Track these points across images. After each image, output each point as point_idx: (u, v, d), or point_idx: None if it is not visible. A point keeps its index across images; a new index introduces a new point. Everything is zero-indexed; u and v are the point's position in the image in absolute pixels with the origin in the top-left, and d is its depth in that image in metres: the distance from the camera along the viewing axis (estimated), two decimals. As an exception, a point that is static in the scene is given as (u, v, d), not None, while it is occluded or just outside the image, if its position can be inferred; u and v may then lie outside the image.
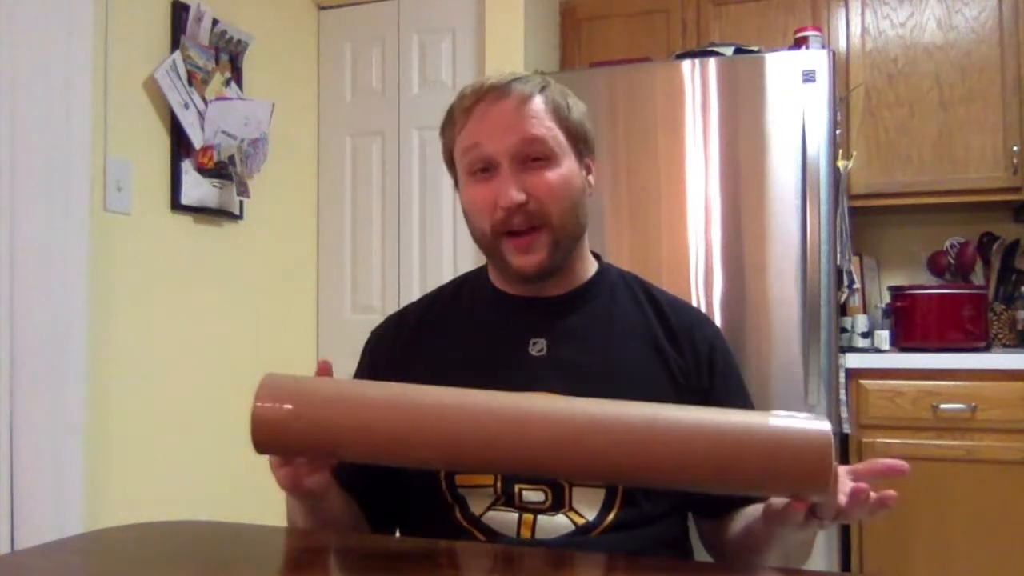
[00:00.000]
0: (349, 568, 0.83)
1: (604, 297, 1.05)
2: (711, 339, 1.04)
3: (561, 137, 0.98)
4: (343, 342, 2.65)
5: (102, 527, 0.96)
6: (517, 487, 0.92)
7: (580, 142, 1.01)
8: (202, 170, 2.18)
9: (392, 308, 1.16)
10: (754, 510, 0.91)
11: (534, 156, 0.96)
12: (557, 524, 0.91)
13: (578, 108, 1.02)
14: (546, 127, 0.97)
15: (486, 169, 0.97)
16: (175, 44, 2.12)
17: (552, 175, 0.96)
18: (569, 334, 1.01)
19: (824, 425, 0.71)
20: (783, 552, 0.88)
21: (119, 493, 1.94)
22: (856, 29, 2.57)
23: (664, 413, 0.73)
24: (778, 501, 0.78)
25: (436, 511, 0.95)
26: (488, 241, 0.99)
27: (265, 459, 0.80)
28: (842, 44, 2.57)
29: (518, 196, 0.94)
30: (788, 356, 2.11)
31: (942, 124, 2.49)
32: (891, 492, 0.74)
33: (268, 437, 0.74)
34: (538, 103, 0.98)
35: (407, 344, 1.05)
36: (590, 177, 1.04)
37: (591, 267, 1.07)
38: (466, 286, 1.10)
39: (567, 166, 0.98)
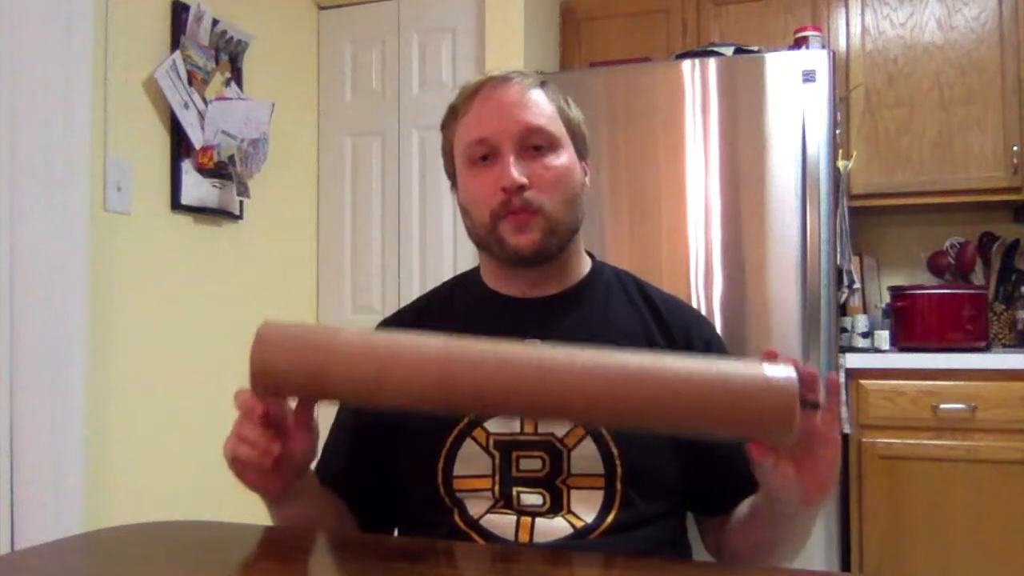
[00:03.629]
0: (348, 568, 0.83)
1: (599, 296, 1.05)
2: (707, 337, 1.04)
3: (561, 128, 1.00)
4: (343, 342, 2.64)
5: (102, 527, 0.96)
6: (515, 490, 0.92)
7: (578, 139, 1.02)
8: (202, 170, 2.18)
9: (392, 308, 1.17)
10: (751, 500, 0.92)
11: (535, 144, 0.97)
12: (555, 527, 0.91)
13: (575, 108, 1.04)
14: (548, 117, 0.98)
15: (486, 157, 0.97)
16: (175, 44, 2.12)
17: (552, 164, 0.97)
18: (564, 334, 1.00)
19: (789, 372, 0.73)
20: (782, 535, 0.89)
21: (119, 493, 1.94)
22: (856, 29, 2.57)
23: (638, 360, 0.76)
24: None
25: (434, 515, 0.94)
26: (487, 229, 0.98)
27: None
28: (842, 44, 2.57)
29: (520, 178, 0.95)
30: (788, 356, 2.11)
31: (942, 124, 2.49)
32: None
33: (266, 364, 0.77)
34: (540, 95, 0.99)
35: None
36: (586, 179, 1.05)
37: (585, 266, 1.07)
38: (459, 287, 1.10)
39: (567, 157, 0.99)
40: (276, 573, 0.78)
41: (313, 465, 0.94)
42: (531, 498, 0.92)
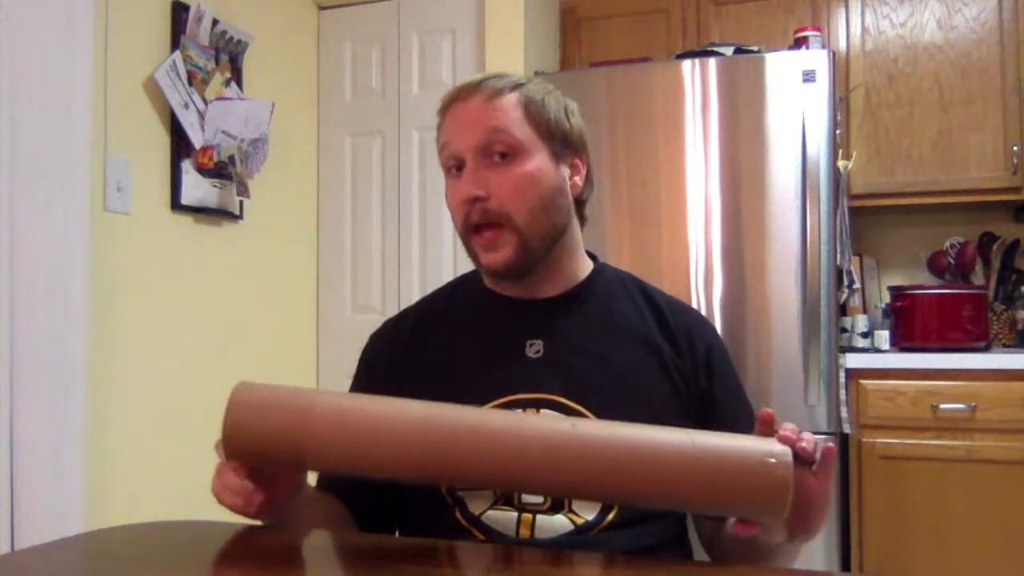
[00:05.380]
0: (348, 567, 0.83)
1: (600, 298, 1.04)
2: (709, 340, 1.04)
3: (530, 133, 0.97)
4: (343, 342, 2.65)
5: (102, 527, 0.96)
6: (516, 488, 0.92)
7: (555, 140, 0.99)
8: (202, 170, 2.18)
9: (392, 308, 1.17)
10: None
11: (500, 152, 0.95)
12: (556, 523, 0.91)
13: (556, 104, 1.00)
14: (511, 122, 0.96)
15: (459, 167, 0.98)
16: (175, 44, 2.12)
17: (516, 172, 0.96)
18: (566, 335, 1.00)
19: (785, 455, 0.72)
20: (769, 555, 0.89)
21: (119, 493, 1.94)
22: (856, 29, 2.57)
23: (627, 436, 0.75)
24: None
25: (435, 513, 0.95)
26: (463, 241, 1.01)
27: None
28: (842, 44, 2.57)
29: (474, 190, 0.95)
30: (788, 356, 2.11)
31: (942, 124, 2.49)
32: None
33: (240, 442, 0.77)
34: (508, 99, 0.97)
35: (405, 347, 1.05)
36: (576, 177, 1.02)
37: (585, 267, 1.07)
38: (461, 288, 1.10)
39: (536, 163, 0.97)
40: (276, 573, 0.78)
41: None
42: (532, 496, 0.92)
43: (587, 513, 0.91)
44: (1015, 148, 2.41)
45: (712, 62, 2.23)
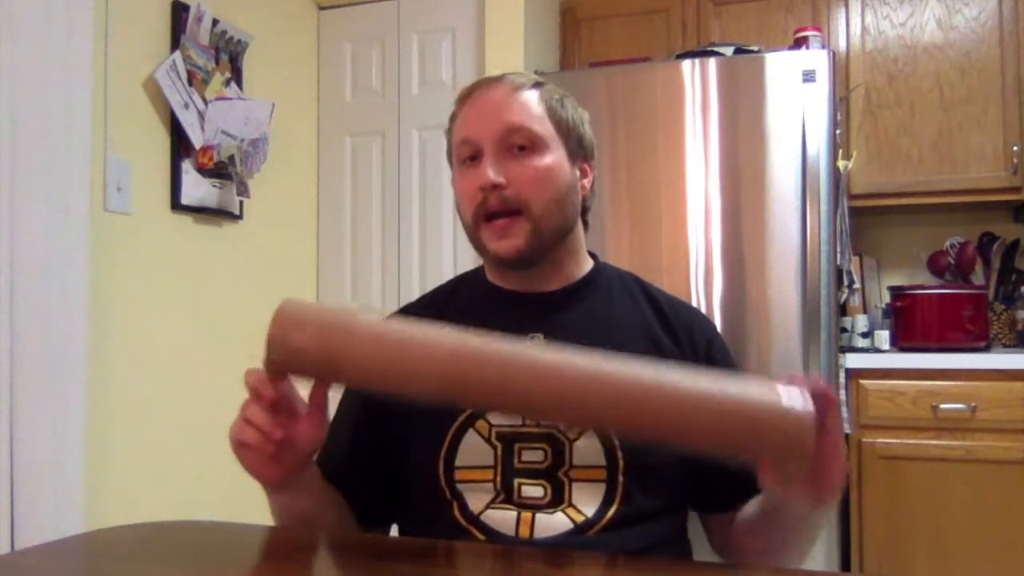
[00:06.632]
0: (347, 567, 0.83)
1: (601, 294, 1.05)
2: (710, 337, 1.05)
3: (550, 128, 0.99)
4: (343, 342, 2.64)
5: (102, 527, 0.96)
6: (516, 481, 0.92)
7: (572, 140, 1.02)
8: (202, 170, 2.18)
9: (392, 308, 1.17)
10: (758, 500, 0.91)
11: (519, 144, 0.97)
12: (556, 522, 0.91)
13: (573, 109, 1.03)
14: (533, 116, 0.98)
15: (474, 157, 0.98)
16: (175, 44, 2.12)
17: (534, 163, 0.97)
18: (566, 329, 1.01)
19: (806, 400, 0.72)
20: (792, 536, 0.89)
21: (119, 493, 1.94)
22: (856, 29, 2.57)
23: (655, 373, 0.75)
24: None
25: (434, 508, 0.95)
26: (471, 231, 1.00)
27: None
28: (842, 44, 2.57)
29: (496, 177, 0.95)
30: (788, 356, 2.11)
31: (942, 124, 2.49)
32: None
33: (284, 347, 0.75)
34: (529, 94, 1.00)
35: None
36: (585, 180, 1.04)
37: (586, 265, 1.07)
38: (463, 284, 1.11)
39: (553, 157, 0.99)
40: (276, 573, 0.78)
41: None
42: (532, 490, 0.92)
43: (587, 509, 0.91)
44: (1015, 148, 2.41)
45: (712, 62, 2.23)
